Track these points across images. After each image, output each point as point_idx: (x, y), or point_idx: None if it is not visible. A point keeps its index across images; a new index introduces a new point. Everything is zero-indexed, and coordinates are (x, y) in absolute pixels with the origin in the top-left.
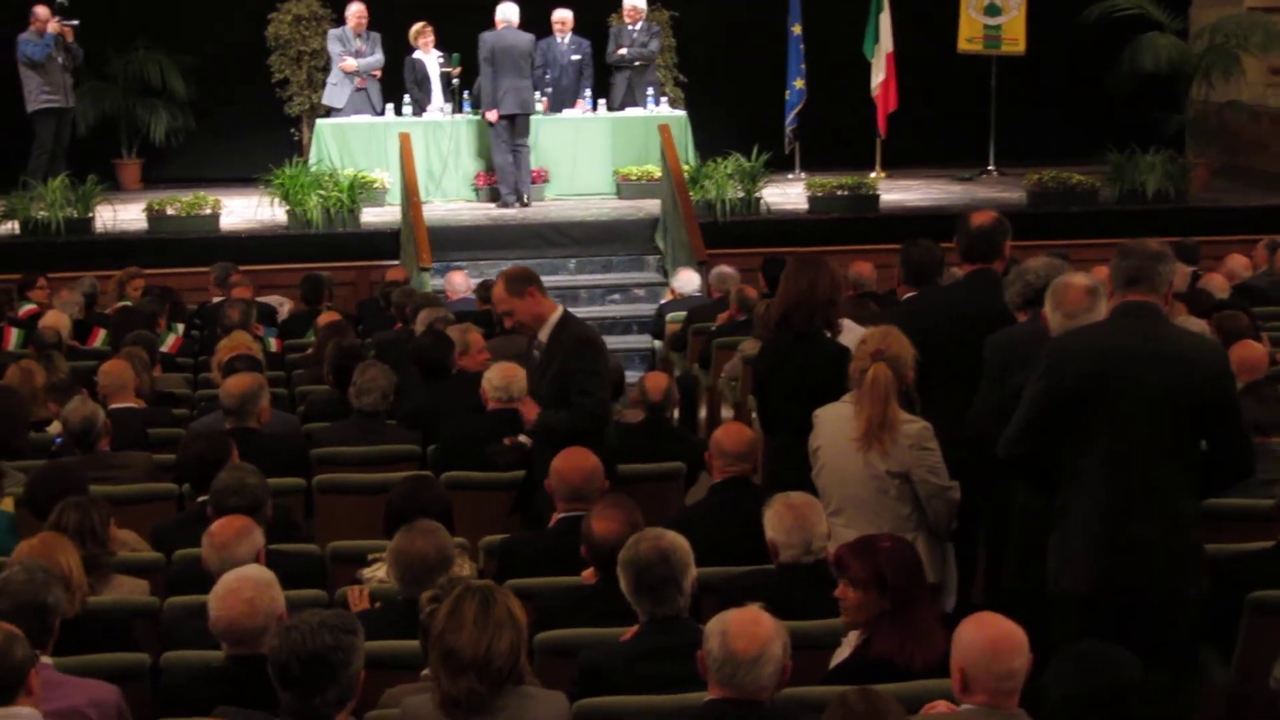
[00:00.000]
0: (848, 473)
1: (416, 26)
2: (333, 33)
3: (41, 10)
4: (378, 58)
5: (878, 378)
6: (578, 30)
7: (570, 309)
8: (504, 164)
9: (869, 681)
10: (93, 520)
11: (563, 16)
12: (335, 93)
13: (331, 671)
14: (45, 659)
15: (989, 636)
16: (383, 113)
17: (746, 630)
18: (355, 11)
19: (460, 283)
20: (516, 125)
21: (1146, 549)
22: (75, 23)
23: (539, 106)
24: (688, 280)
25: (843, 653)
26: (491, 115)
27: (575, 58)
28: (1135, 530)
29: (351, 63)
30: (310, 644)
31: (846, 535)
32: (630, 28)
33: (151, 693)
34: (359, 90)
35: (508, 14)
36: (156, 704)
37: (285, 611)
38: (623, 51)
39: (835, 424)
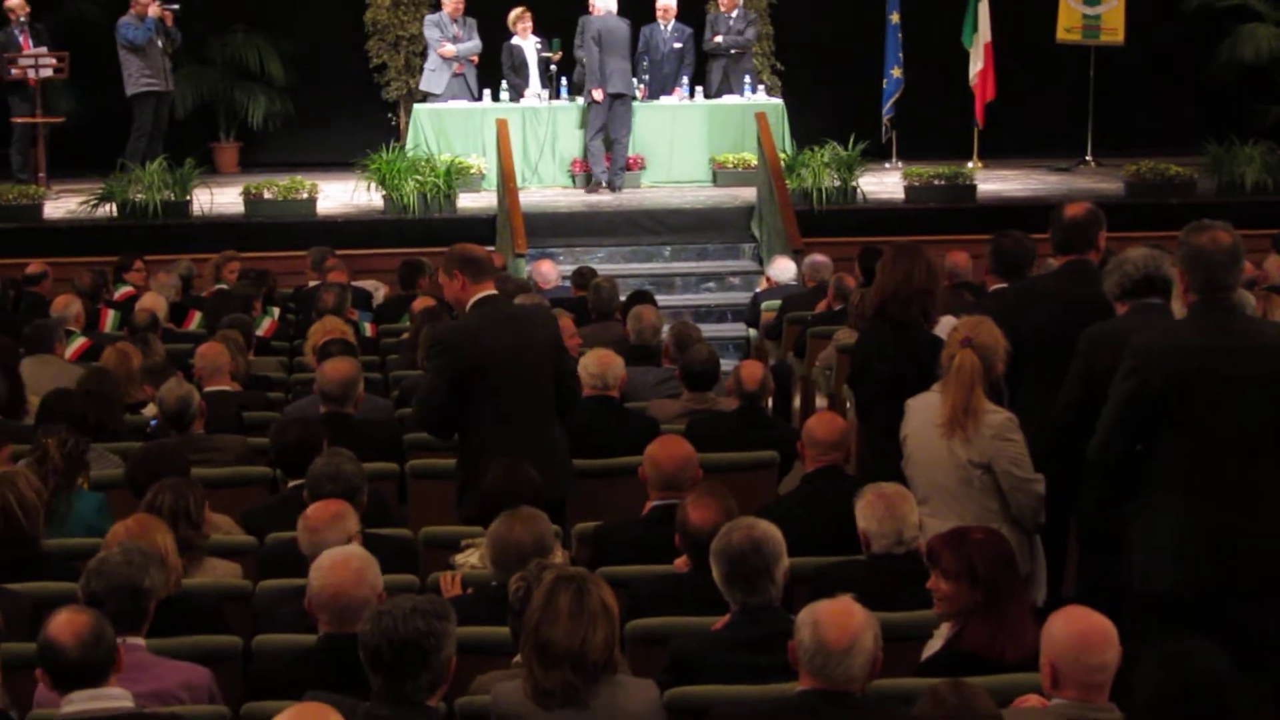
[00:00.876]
0: (934, 462)
1: (515, 12)
2: (430, 18)
3: None
4: (475, 43)
5: (963, 364)
6: (678, 17)
7: (665, 296)
8: (596, 147)
9: (959, 674)
10: (188, 502)
11: (666, 3)
12: (433, 78)
13: (423, 657)
14: (139, 640)
15: (1079, 630)
16: (480, 98)
17: (838, 621)
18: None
19: (549, 271)
20: (616, 109)
21: (1237, 544)
22: (175, 6)
23: (637, 93)
24: (783, 269)
25: (934, 644)
26: (598, 94)
27: (677, 45)
28: (1225, 526)
29: (450, 48)
30: (402, 629)
31: (933, 525)
32: (726, 15)
33: (243, 675)
34: (456, 76)
35: (608, 3)
36: (247, 687)
37: (384, 592)
38: (719, 39)
39: (923, 413)
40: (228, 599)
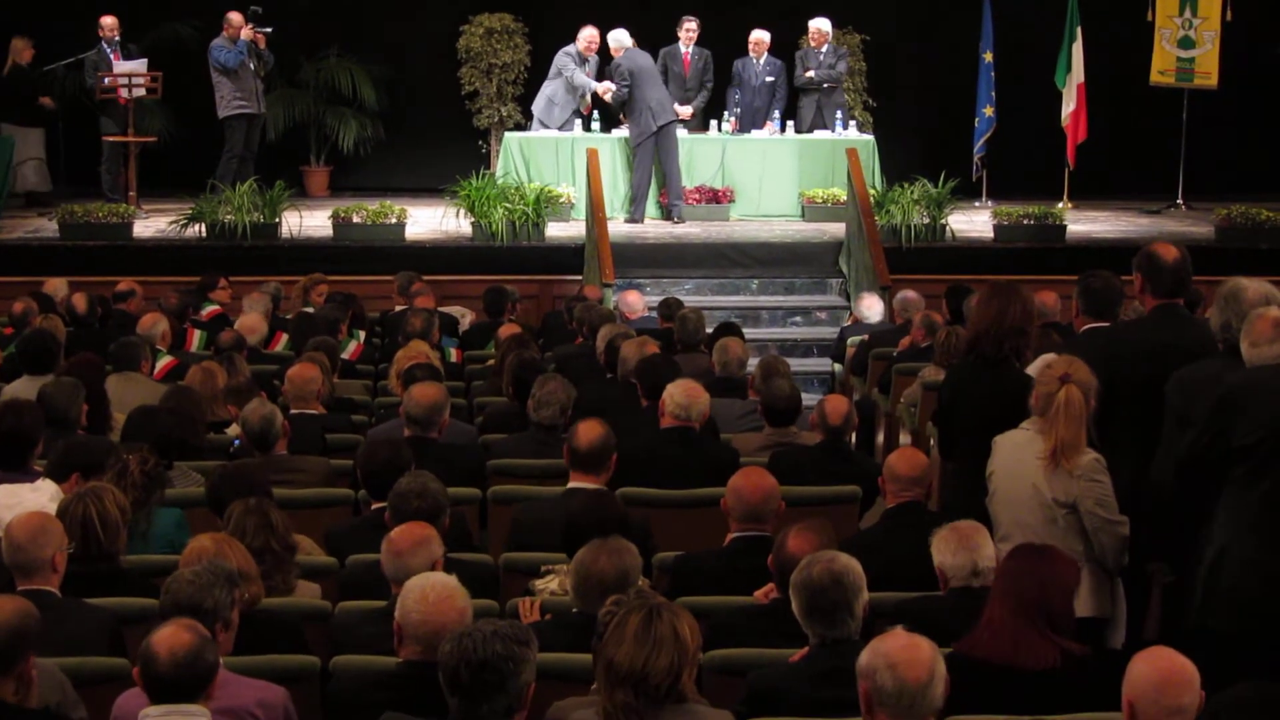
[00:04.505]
0: (1019, 499)
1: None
2: (566, 49)
3: (235, 16)
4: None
5: (1072, 399)
6: (770, 51)
7: (751, 329)
8: (642, 181)
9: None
10: (273, 519)
11: (759, 37)
12: (552, 111)
13: (500, 681)
14: None
15: (1159, 671)
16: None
17: (913, 657)
18: (587, 35)
19: (635, 302)
20: (661, 140)
21: None
22: (268, 30)
23: (727, 126)
24: (871, 306)
25: None
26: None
27: (769, 78)
28: None
29: (600, 87)
30: (481, 652)
31: None
32: (817, 50)
33: (320, 696)
34: (578, 114)
35: (621, 38)
36: (325, 707)
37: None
38: (810, 74)
39: (1011, 450)
40: (308, 619)
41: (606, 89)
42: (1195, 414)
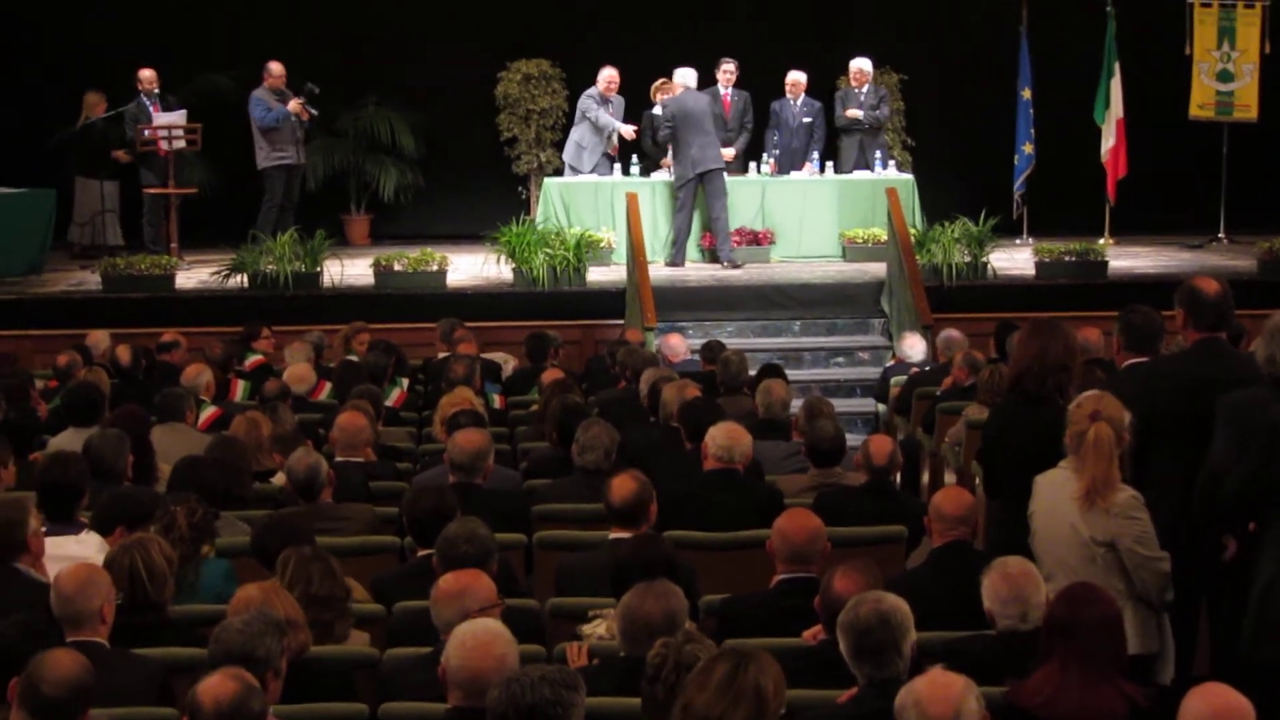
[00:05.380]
0: (1058, 538)
1: (657, 83)
2: (587, 93)
3: (275, 66)
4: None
5: (1101, 437)
6: (806, 92)
7: (793, 371)
8: (683, 226)
9: None
10: (333, 566)
11: (795, 78)
12: (582, 156)
13: None
14: None
15: (1215, 708)
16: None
17: (939, 695)
18: (606, 76)
19: (679, 345)
20: (706, 186)
21: None
22: (315, 113)
23: (766, 168)
24: (914, 345)
25: None
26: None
27: (806, 119)
28: None
29: (626, 129)
30: (529, 697)
31: None
32: (857, 90)
33: None
34: (607, 157)
35: (685, 78)
36: None
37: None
38: (856, 114)
39: (1050, 490)
40: (357, 667)
41: (632, 130)
42: (1248, 440)
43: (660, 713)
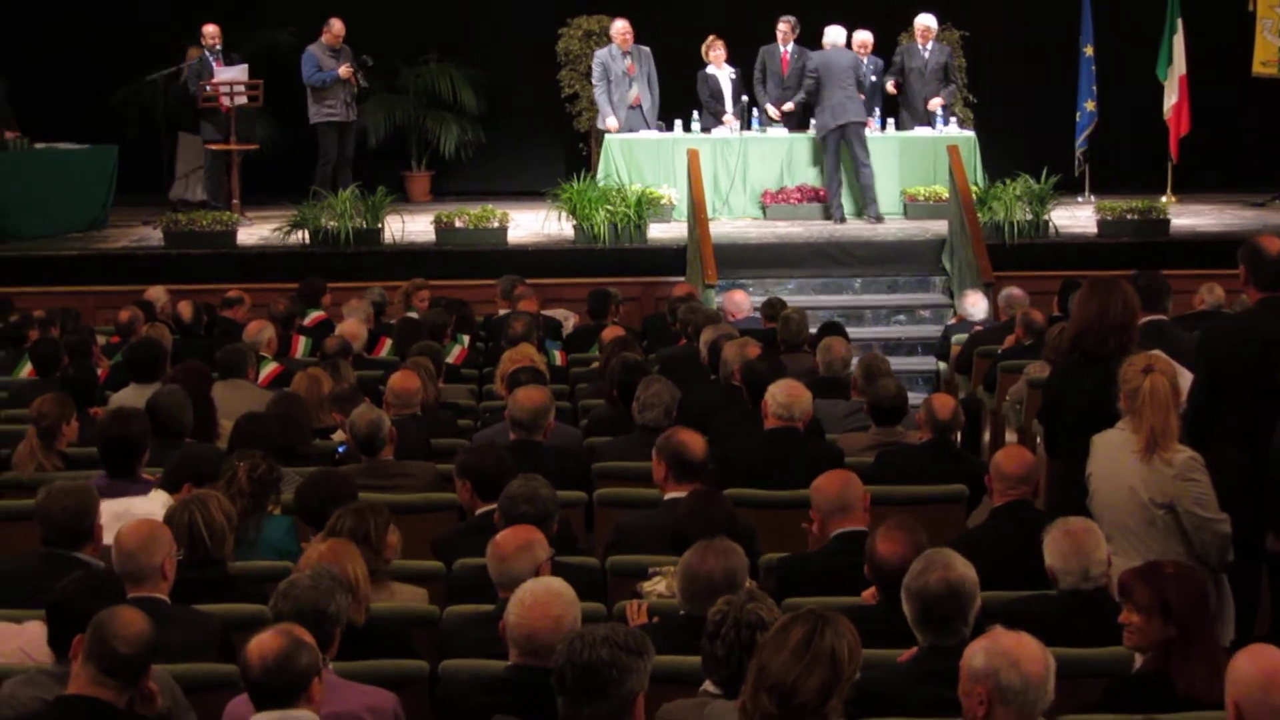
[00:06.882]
0: (1117, 500)
1: (707, 41)
2: (599, 54)
3: (336, 24)
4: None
5: (1157, 386)
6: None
7: (854, 329)
8: (831, 179)
9: (1149, 701)
10: (369, 527)
11: (864, 39)
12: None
13: (603, 686)
14: (326, 663)
15: (1265, 670)
16: (669, 129)
17: (1031, 654)
18: (620, 28)
19: (742, 301)
20: (846, 139)
21: None
22: (365, 85)
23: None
24: (976, 303)
25: None
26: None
27: (874, 79)
28: None
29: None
30: (587, 655)
31: (1118, 564)
32: (921, 47)
33: (429, 700)
34: (633, 109)
35: (834, 36)
36: (434, 712)
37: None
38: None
39: (1107, 451)
40: (415, 624)
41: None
42: None
43: (720, 669)
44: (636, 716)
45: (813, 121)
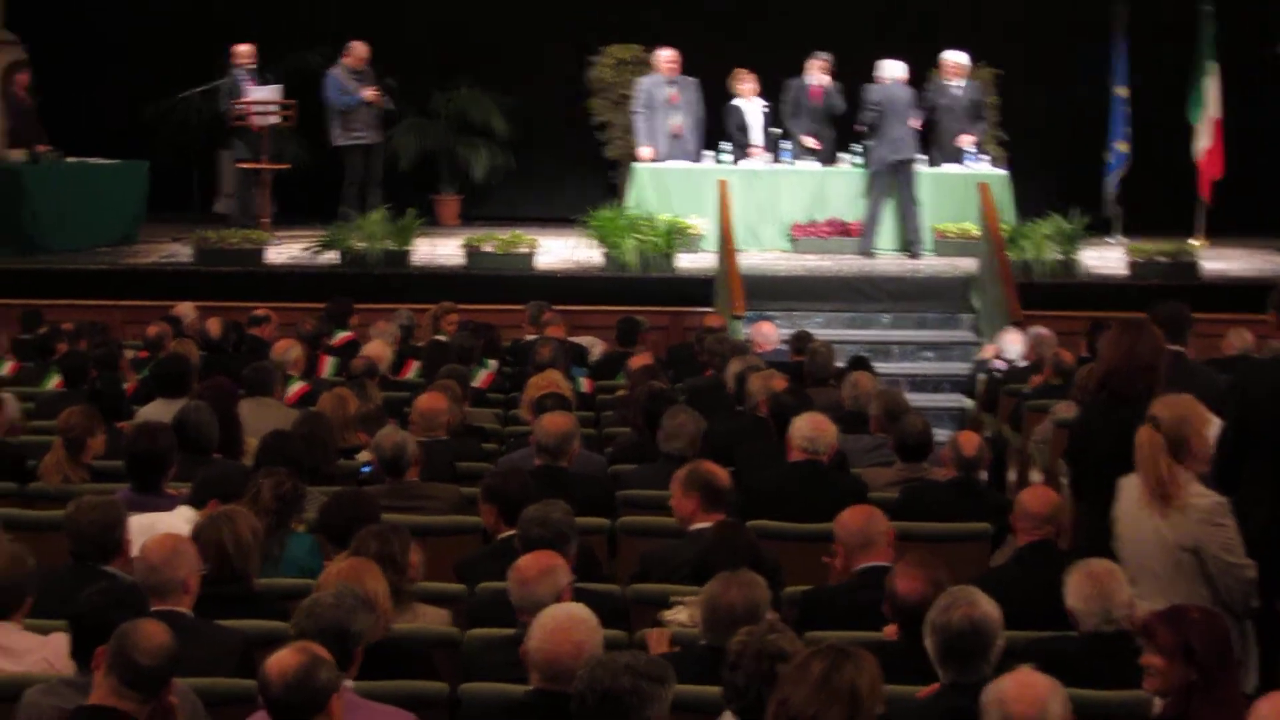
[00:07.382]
0: (1141, 543)
1: (735, 73)
2: (643, 80)
3: (359, 47)
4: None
5: (1141, 442)
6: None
7: (882, 364)
8: (874, 214)
9: None
10: (393, 548)
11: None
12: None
13: (624, 713)
14: (346, 682)
15: None
16: (699, 160)
17: (1024, 695)
18: (666, 57)
19: (770, 333)
20: (900, 175)
21: None
22: (391, 108)
23: (860, 159)
24: (1013, 342)
25: None
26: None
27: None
28: None
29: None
30: (608, 682)
31: (1141, 607)
32: (951, 84)
33: None
34: (675, 138)
35: (892, 70)
36: None
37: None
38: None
39: (1130, 493)
40: (437, 646)
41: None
42: None
43: (740, 699)
44: None
45: (843, 155)
